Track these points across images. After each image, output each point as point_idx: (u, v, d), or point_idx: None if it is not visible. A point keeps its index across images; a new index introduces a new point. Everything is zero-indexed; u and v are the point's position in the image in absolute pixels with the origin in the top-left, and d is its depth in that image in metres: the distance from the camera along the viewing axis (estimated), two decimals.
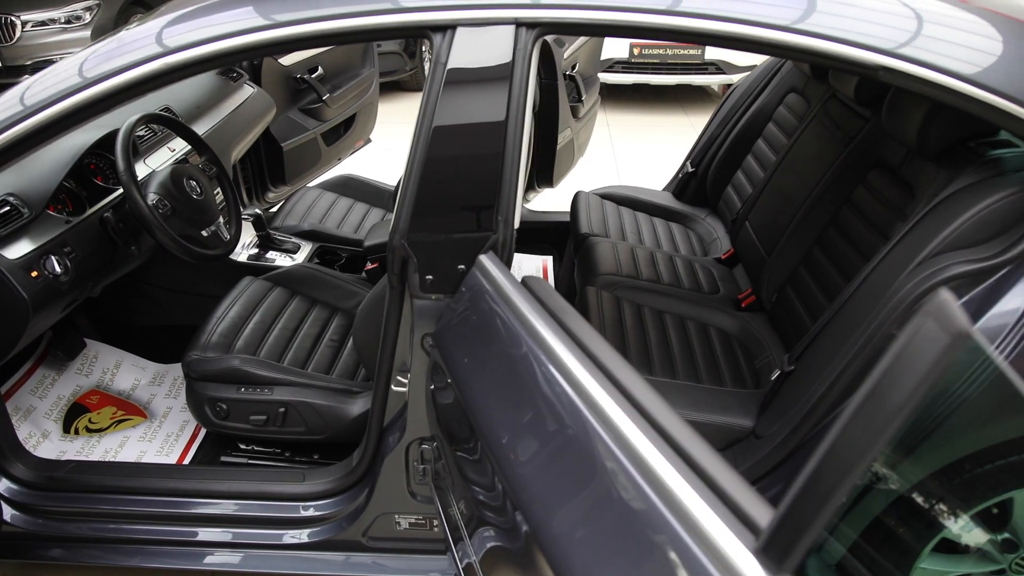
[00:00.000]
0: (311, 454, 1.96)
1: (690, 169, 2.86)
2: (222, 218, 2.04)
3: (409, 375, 1.50)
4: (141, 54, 1.35)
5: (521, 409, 1.02)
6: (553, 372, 0.98)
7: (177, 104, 2.36)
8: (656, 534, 0.74)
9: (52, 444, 2.07)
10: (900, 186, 1.80)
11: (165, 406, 2.26)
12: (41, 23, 5.34)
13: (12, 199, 1.69)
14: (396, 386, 1.56)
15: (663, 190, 2.99)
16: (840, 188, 2.01)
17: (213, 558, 1.78)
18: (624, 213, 2.73)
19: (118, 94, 1.40)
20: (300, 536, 1.72)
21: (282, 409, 1.82)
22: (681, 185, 2.89)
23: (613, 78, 5.38)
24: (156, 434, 2.15)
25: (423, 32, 1.35)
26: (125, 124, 1.80)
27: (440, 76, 1.34)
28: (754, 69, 2.81)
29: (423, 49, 6.49)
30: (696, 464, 0.76)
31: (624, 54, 5.28)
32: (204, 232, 1.94)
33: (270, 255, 2.43)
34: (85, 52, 1.51)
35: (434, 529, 1.68)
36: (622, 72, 5.34)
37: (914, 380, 0.57)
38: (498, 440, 1.03)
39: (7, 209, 1.67)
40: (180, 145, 2.26)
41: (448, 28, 1.35)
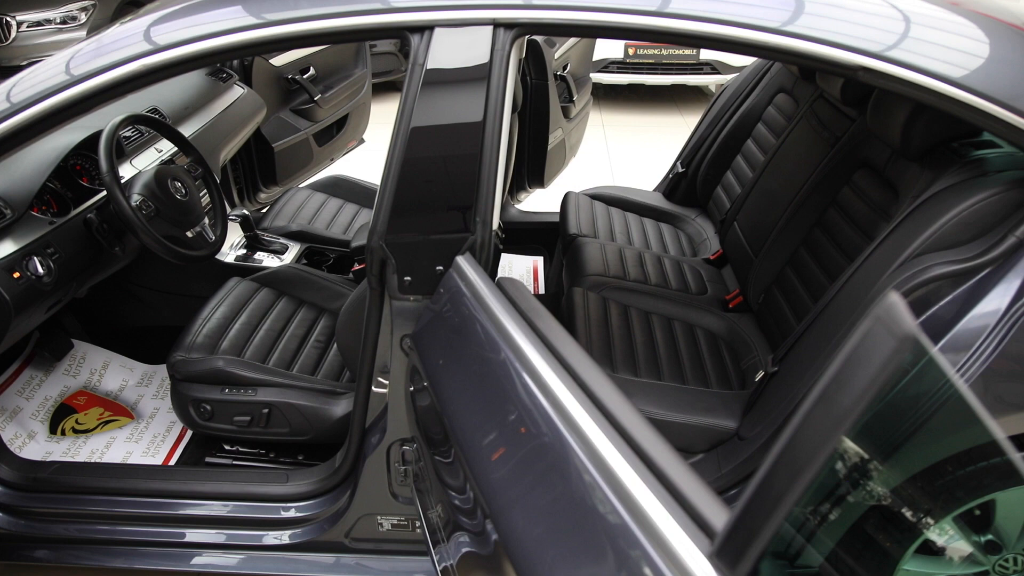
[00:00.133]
0: (296, 455, 1.96)
1: (680, 169, 2.85)
2: (207, 219, 2.04)
3: (389, 376, 1.50)
4: (120, 55, 1.35)
5: (490, 413, 1.02)
6: (522, 375, 0.98)
7: (165, 105, 2.36)
8: (616, 539, 0.74)
9: (38, 445, 2.07)
10: (884, 186, 1.80)
11: (152, 407, 2.26)
12: (36, 23, 5.34)
13: None
14: (377, 387, 1.55)
15: (654, 190, 2.99)
16: (826, 188, 2.00)
17: (198, 559, 1.77)
18: (614, 213, 2.73)
19: (99, 94, 1.40)
20: (283, 537, 1.72)
21: (266, 410, 1.82)
22: (671, 185, 2.89)
23: (608, 78, 5.38)
24: (143, 435, 2.15)
25: (400, 33, 1.35)
26: (109, 125, 1.80)
27: (418, 77, 1.34)
28: (744, 69, 2.81)
29: None
30: (657, 468, 0.76)
31: (619, 54, 5.27)
32: (189, 233, 1.94)
33: (258, 256, 2.43)
34: (67, 52, 1.51)
35: (416, 530, 1.67)
36: (617, 72, 5.34)
37: (862, 383, 0.56)
38: (469, 445, 1.03)
39: None
40: (167, 146, 2.26)
41: (426, 29, 1.34)
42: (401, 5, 1.35)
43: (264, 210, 2.90)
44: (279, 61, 3.19)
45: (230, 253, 2.44)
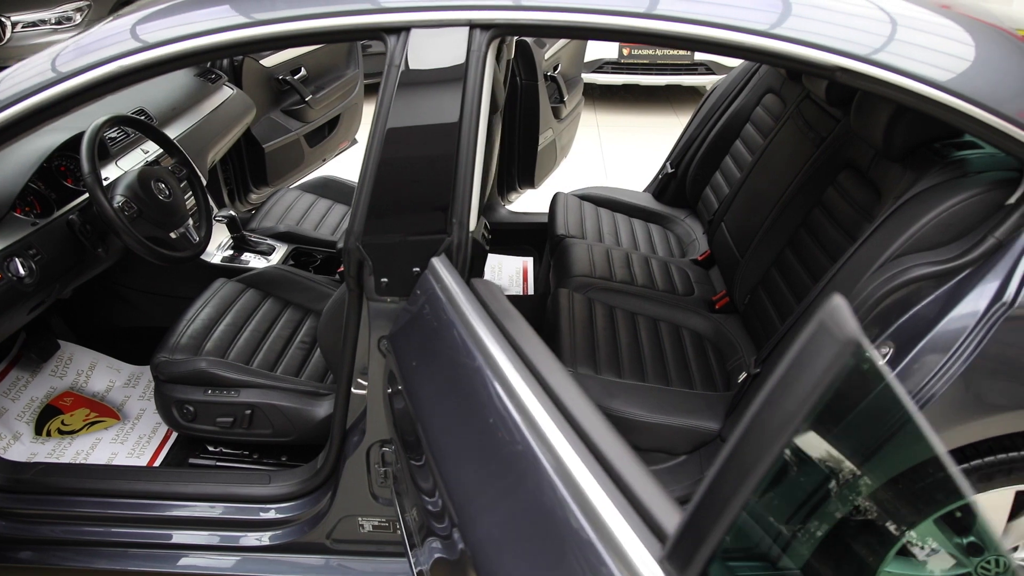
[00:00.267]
0: (279, 456, 1.95)
1: (670, 170, 2.85)
2: (192, 220, 2.04)
3: (368, 378, 1.50)
4: (95, 58, 1.35)
5: (459, 418, 1.02)
6: (490, 380, 0.98)
7: (152, 106, 2.36)
8: (574, 546, 0.74)
9: (23, 446, 2.07)
10: (868, 187, 1.79)
11: (139, 408, 2.26)
12: (31, 24, 5.34)
13: None
14: (356, 389, 1.55)
15: (643, 191, 2.99)
16: (812, 189, 2.00)
17: (181, 560, 1.77)
18: (603, 214, 2.73)
19: (79, 95, 1.40)
20: (264, 538, 1.72)
21: (248, 411, 1.82)
22: (661, 186, 2.89)
23: (603, 79, 5.37)
24: (128, 436, 2.15)
25: (377, 34, 1.35)
26: (91, 126, 1.80)
27: (394, 78, 1.34)
28: (733, 70, 2.81)
29: None
30: (614, 472, 0.76)
31: (614, 54, 5.27)
32: (172, 234, 1.94)
33: (244, 257, 2.43)
34: (49, 51, 1.51)
35: (397, 532, 1.67)
36: (612, 73, 5.33)
37: (807, 387, 0.56)
38: (438, 449, 1.02)
39: None
40: (154, 147, 2.26)
41: (402, 30, 1.34)
42: (377, 6, 1.34)
43: (252, 211, 2.90)
44: (270, 62, 3.19)
45: (217, 254, 2.43)
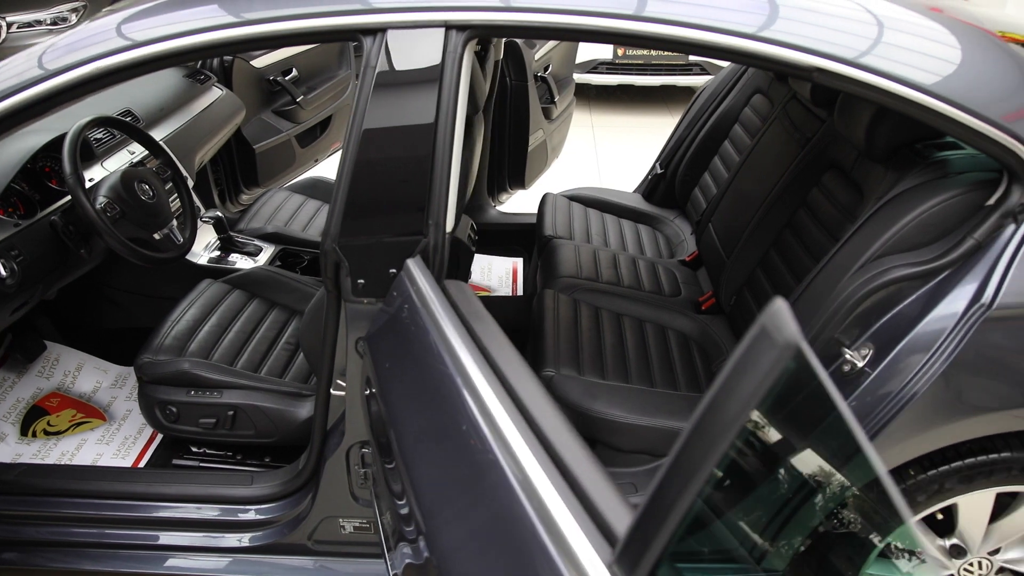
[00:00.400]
0: (263, 457, 1.95)
1: (659, 170, 2.85)
2: (176, 221, 2.04)
3: (346, 379, 1.50)
4: (64, 62, 1.35)
5: (427, 421, 1.01)
6: (456, 383, 0.97)
7: (139, 107, 2.35)
8: (533, 552, 0.73)
9: (8, 447, 2.07)
10: (851, 188, 1.79)
11: (125, 408, 2.26)
12: (27, 24, 5.34)
13: None
14: (336, 390, 1.55)
15: (633, 192, 2.98)
16: (797, 190, 2.00)
17: (165, 561, 1.77)
18: (592, 215, 2.73)
19: (57, 96, 1.40)
20: (246, 539, 1.72)
21: (231, 412, 1.82)
22: (650, 187, 2.88)
23: (598, 79, 5.37)
24: (114, 437, 2.14)
25: (353, 35, 1.35)
26: (73, 127, 1.80)
27: (370, 79, 1.34)
28: (722, 70, 2.80)
29: None
30: (571, 476, 0.75)
31: (608, 55, 5.27)
32: (156, 235, 1.93)
33: (232, 258, 2.43)
34: (30, 51, 1.51)
35: (378, 533, 1.67)
36: (606, 73, 5.33)
37: (747, 391, 0.56)
38: (406, 452, 1.02)
39: None
40: (140, 148, 2.26)
41: (378, 31, 1.34)
42: (353, 8, 1.34)
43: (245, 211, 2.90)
44: (261, 62, 3.19)
45: (204, 255, 2.43)
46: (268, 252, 2.49)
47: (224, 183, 3.04)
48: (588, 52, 5.19)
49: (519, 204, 3.29)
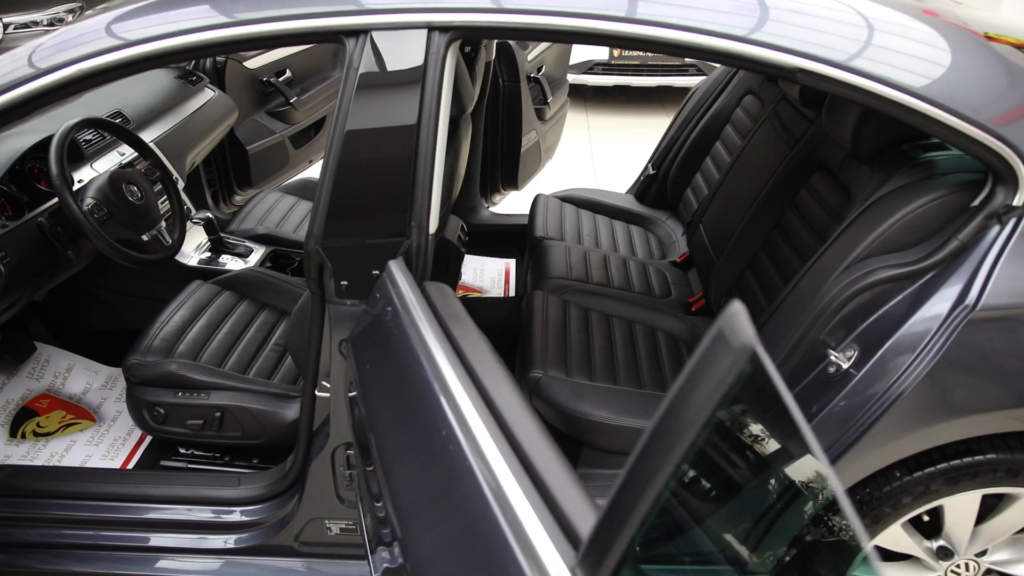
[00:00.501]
0: (251, 458, 1.95)
1: (651, 171, 2.85)
2: (164, 222, 2.04)
3: (330, 381, 1.50)
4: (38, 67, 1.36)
5: (403, 423, 1.01)
6: (433, 386, 0.97)
7: (130, 108, 2.36)
8: (495, 552, 0.73)
9: None
10: (838, 189, 1.79)
11: (115, 410, 2.26)
12: (24, 25, 5.35)
13: None
14: (320, 391, 1.55)
15: (626, 193, 2.98)
16: (786, 191, 2.00)
17: (152, 563, 1.77)
18: (583, 216, 2.72)
19: (40, 98, 1.41)
20: (232, 541, 1.72)
21: (218, 414, 1.82)
22: (643, 187, 2.88)
23: (594, 80, 5.37)
24: (103, 438, 2.14)
25: (336, 37, 1.35)
26: (60, 129, 1.80)
27: (353, 81, 1.33)
28: (714, 71, 2.80)
29: None
30: (539, 479, 0.75)
31: (604, 56, 5.27)
32: (144, 236, 1.93)
33: (222, 259, 2.43)
34: (12, 52, 1.51)
35: (363, 535, 1.67)
36: (602, 74, 5.33)
37: (704, 394, 0.56)
38: (384, 457, 1.02)
39: None
40: (130, 149, 2.26)
41: (361, 33, 1.34)
42: (336, 9, 1.34)
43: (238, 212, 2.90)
44: (254, 64, 3.19)
45: (194, 256, 2.43)
46: (259, 253, 2.49)
47: (217, 184, 3.04)
48: (585, 53, 5.19)
49: (513, 205, 3.29)
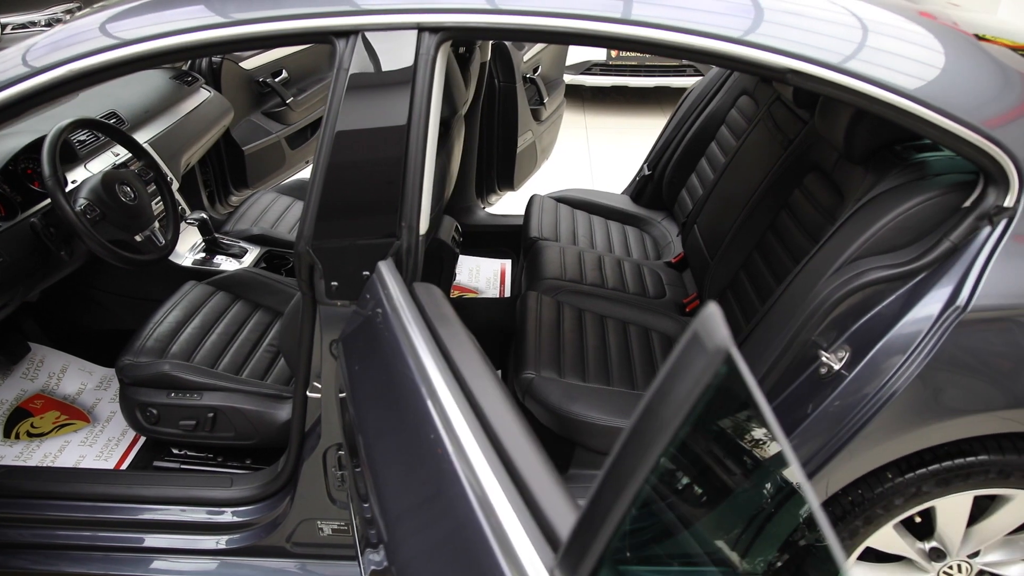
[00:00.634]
0: (243, 459, 1.95)
1: (647, 172, 2.84)
2: (158, 223, 2.04)
3: (322, 382, 1.50)
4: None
5: (389, 425, 1.01)
6: (420, 388, 0.97)
7: (124, 109, 2.36)
8: (476, 553, 0.73)
9: None
10: (832, 189, 1.78)
11: (109, 410, 2.26)
12: (22, 26, 5.36)
13: None
14: (312, 392, 1.55)
15: (622, 193, 2.98)
16: (779, 191, 1.99)
17: (144, 564, 1.77)
18: (579, 217, 2.72)
19: (33, 97, 1.41)
20: (224, 542, 1.72)
21: (211, 414, 1.82)
22: (638, 188, 2.88)
23: (592, 80, 5.37)
24: (97, 439, 2.14)
25: (326, 38, 1.35)
26: (53, 129, 1.80)
27: (343, 81, 1.33)
28: (709, 71, 2.80)
29: None
30: (521, 480, 0.75)
31: (602, 56, 5.27)
32: (138, 237, 1.93)
33: (216, 260, 2.43)
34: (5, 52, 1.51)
35: (354, 535, 1.67)
36: (601, 75, 5.33)
37: (680, 396, 0.56)
38: (372, 458, 1.02)
39: None
40: (124, 150, 2.26)
41: (351, 34, 1.34)
42: (326, 10, 1.34)
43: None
44: (250, 64, 3.19)
45: (189, 256, 2.43)
46: (253, 254, 2.49)
47: (213, 185, 3.04)
48: (583, 54, 5.19)
49: (509, 206, 3.29)
